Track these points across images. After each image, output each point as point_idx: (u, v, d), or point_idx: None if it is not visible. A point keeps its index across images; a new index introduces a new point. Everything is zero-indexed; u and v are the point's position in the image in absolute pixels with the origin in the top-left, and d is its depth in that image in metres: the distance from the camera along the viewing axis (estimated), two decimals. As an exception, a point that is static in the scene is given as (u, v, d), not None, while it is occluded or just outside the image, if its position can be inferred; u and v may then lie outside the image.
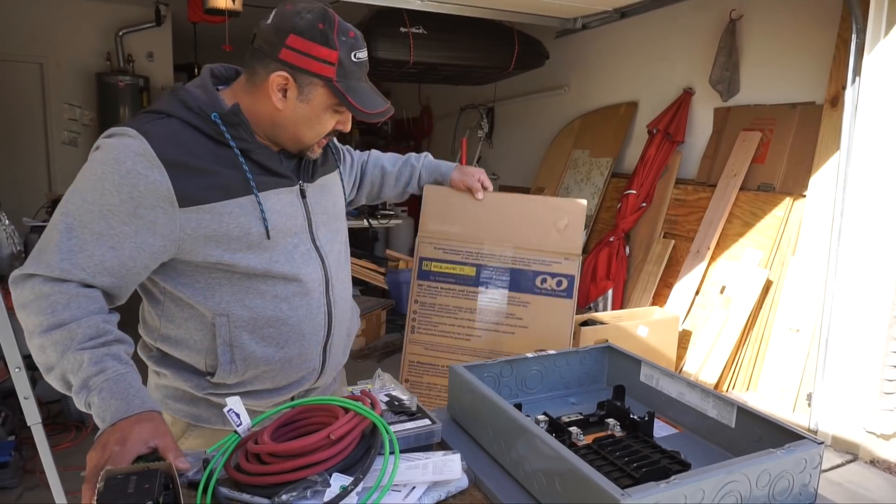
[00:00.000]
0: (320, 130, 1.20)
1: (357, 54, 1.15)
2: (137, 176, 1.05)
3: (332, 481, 0.85)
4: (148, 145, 1.06)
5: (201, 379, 1.22)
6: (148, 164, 1.05)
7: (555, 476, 0.84)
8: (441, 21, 4.45)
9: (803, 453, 0.85)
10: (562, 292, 1.63)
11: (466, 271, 1.65)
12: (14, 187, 5.56)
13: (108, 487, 0.78)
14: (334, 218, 1.34)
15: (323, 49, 1.12)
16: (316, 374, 1.31)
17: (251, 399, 1.24)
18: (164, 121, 1.11)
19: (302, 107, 1.16)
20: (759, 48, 3.69)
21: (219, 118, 1.13)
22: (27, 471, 2.78)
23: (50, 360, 1.02)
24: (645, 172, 4.19)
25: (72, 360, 1.00)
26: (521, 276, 1.63)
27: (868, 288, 2.78)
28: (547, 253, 1.63)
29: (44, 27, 5.87)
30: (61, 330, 1.01)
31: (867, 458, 2.80)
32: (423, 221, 1.67)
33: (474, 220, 1.65)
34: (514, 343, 1.62)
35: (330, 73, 1.13)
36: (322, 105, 1.17)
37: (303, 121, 1.18)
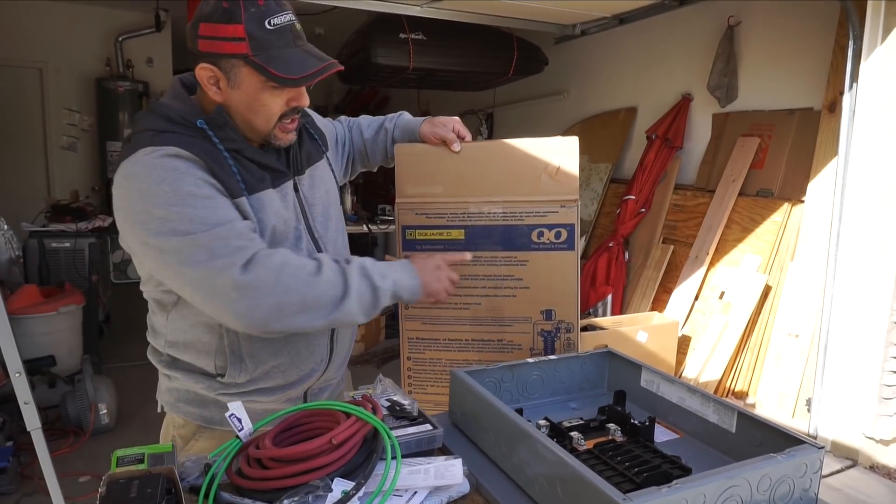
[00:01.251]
0: (267, 114, 1.14)
1: (272, 20, 1.07)
2: (196, 166, 1.08)
3: (333, 486, 0.85)
4: (175, 148, 1.08)
5: (212, 381, 1.23)
6: (191, 162, 1.08)
7: (556, 481, 0.84)
8: (440, 27, 4.46)
9: (804, 458, 0.86)
10: (562, 244, 1.43)
11: (454, 235, 1.46)
12: (13, 192, 5.56)
13: (110, 492, 0.78)
14: (328, 206, 1.32)
15: (229, 27, 1.06)
16: (324, 364, 1.31)
17: (264, 396, 1.25)
18: (165, 135, 1.11)
19: (237, 93, 1.12)
20: (758, 54, 3.71)
21: (205, 123, 1.13)
22: (25, 476, 2.77)
23: (339, 289, 1.11)
24: (644, 178, 4.20)
25: (356, 275, 1.13)
26: (514, 233, 1.43)
27: (866, 293, 2.79)
28: (540, 203, 1.42)
29: (43, 32, 5.88)
30: (324, 266, 1.11)
31: (867, 464, 2.80)
32: (398, 186, 1.49)
33: (455, 177, 1.45)
34: (517, 306, 1.46)
35: (243, 49, 1.07)
36: (254, 86, 1.10)
37: (245, 107, 1.13)
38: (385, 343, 4.81)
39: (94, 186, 6.28)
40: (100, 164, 6.23)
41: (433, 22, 4.28)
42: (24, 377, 1.87)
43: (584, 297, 4.32)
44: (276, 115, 1.15)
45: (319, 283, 1.08)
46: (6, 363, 1.85)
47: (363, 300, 1.12)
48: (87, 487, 2.71)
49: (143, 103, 6.11)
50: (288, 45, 1.09)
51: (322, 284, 1.08)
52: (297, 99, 1.15)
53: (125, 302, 5.41)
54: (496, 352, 1.48)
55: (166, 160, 1.06)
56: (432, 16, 4.05)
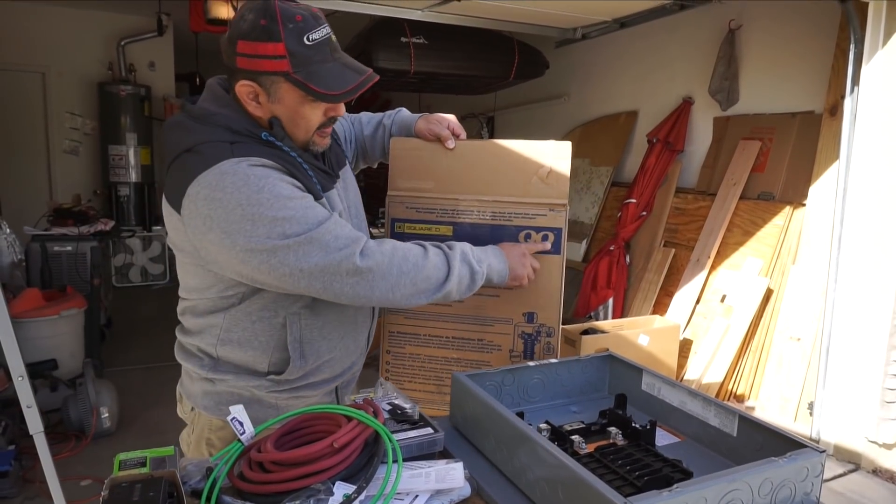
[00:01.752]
0: (307, 126, 1.18)
1: (310, 36, 1.10)
2: (286, 179, 1.12)
3: (335, 490, 0.85)
4: (258, 160, 1.10)
5: (262, 379, 1.26)
6: (279, 172, 1.12)
7: (557, 484, 0.84)
8: (441, 31, 4.47)
9: (805, 462, 0.86)
10: (548, 248, 1.44)
11: (442, 231, 1.47)
12: (15, 196, 5.58)
13: (113, 495, 0.79)
14: (358, 206, 1.40)
15: (269, 45, 1.08)
16: (362, 357, 1.40)
17: (311, 391, 1.30)
18: (242, 146, 1.12)
19: (278, 108, 1.15)
20: (759, 58, 3.71)
21: (269, 136, 1.16)
22: (27, 480, 2.77)
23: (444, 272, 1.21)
24: (645, 181, 4.20)
25: (458, 260, 1.23)
26: (502, 233, 1.44)
27: (868, 297, 2.79)
28: (530, 205, 1.43)
29: (46, 37, 5.90)
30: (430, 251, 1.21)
31: (869, 468, 2.79)
32: (391, 178, 1.50)
33: (448, 174, 1.46)
34: (499, 307, 1.46)
35: (284, 66, 1.09)
36: (295, 101, 1.14)
37: (286, 120, 1.16)
38: (386, 346, 4.80)
39: (96, 190, 6.30)
40: (102, 168, 6.25)
41: (434, 26, 4.29)
42: (26, 381, 1.87)
43: (585, 300, 4.32)
44: (315, 126, 1.19)
45: (427, 266, 1.19)
46: (9, 367, 1.85)
47: (462, 282, 1.23)
48: (89, 491, 2.71)
49: (146, 107, 6.13)
50: (326, 59, 1.12)
51: (429, 268, 1.19)
52: (335, 109, 1.20)
53: (127, 305, 5.42)
54: (476, 350, 1.48)
55: (257, 169, 1.09)
56: (433, 20, 4.06)
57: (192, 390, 1.33)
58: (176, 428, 1.42)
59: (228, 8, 4.05)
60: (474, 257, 1.25)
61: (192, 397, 1.33)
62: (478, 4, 3.77)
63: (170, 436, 1.38)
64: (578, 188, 5.01)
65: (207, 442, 1.33)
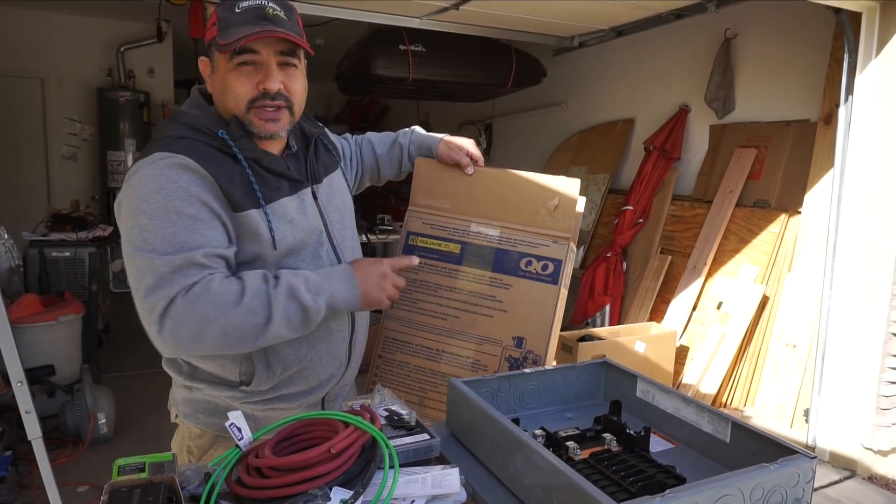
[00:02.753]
0: (237, 94, 1.15)
1: (241, 4, 1.11)
2: (197, 184, 1.10)
3: (332, 495, 0.86)
4: (185, 159, 1.10)
5: (235, 390, 1.24)
6: (198, 177, 1.10)
7: (552, 490, 0.85)
8: (440, 39, 4.50)
9: (796, 468, 0.87)
10: (546, 277, 1.49)
11: (451, 248, 1.55)
12: (14, 202, 5.58)
13: (112, 500, 0.79)
14: (344, 214, 1.38)
15: (211, 18, 1.14)
16: (343, 369, 1.34)
17: (286, 403, 1.27)
18: (184, 142, 1.14)
19: (216, 78, 1.17)
20: (754, 66, 3.74)
21: (226, 134, 1.16)
22: (24, 486, 2.76)
23: (261, 316, 1.09)
24: (642, 189, 4.22)
25: (282, 298, 1.10)
26: (505, 257, 1.51)
27: (863, 304, 2.80)
28: (535, 234, 1.51)
29: (46, 43, 5.92)
30: (248, 292, 1.08)
31: (865, 475, 2.80)
32: (413, 195, 1.59)
33: (464, 196, 1.55)
34: (491, 327, 1.50)
35: (213, 32, 1.13)
36: (223, 67, 1.14)
37: (220, 91, 1.17)
38: (384, 353, 4.81)
39: (94, 196, 6.30)
40: (100, 174, 6.25)
41: (433, 34, 4.32)
42: (25, 386, 1.88)
43: (582, 307, 4.33)
44: (244, 97, 1.15)
45: (238, 314, 1.07)
46: (8, 372, 1.86)
47: (292, 322, 1.12)
48: (86, 497, 2.70)
49: (144, 113, 6.15)
50: (247, 21, 1.11)
51: (241, 315, 1.07)
52: (264, 81, 1.15)
53: (124, 311, 5.42)
54: (461, 368, 1.51)
55: (172, 170, 1.09)
56: (432, 28, 4.09)
57: (176, 397, 1.34)
58: (173, 433, 1.43)
59: (228, 15, 4.07)
60: (309, 290, 1.13)
61: (176, 404, 1.35)
62: (476, 13, 3.80)
63: (166, 442, 1.39)
64: (576, 195, 5.03)
65: (187, 449, 1.33)
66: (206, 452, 1.31)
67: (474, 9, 3.67)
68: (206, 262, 1.08)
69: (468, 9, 3.66)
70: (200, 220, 1.09)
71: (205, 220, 1.10)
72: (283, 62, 1.16)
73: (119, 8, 5.70)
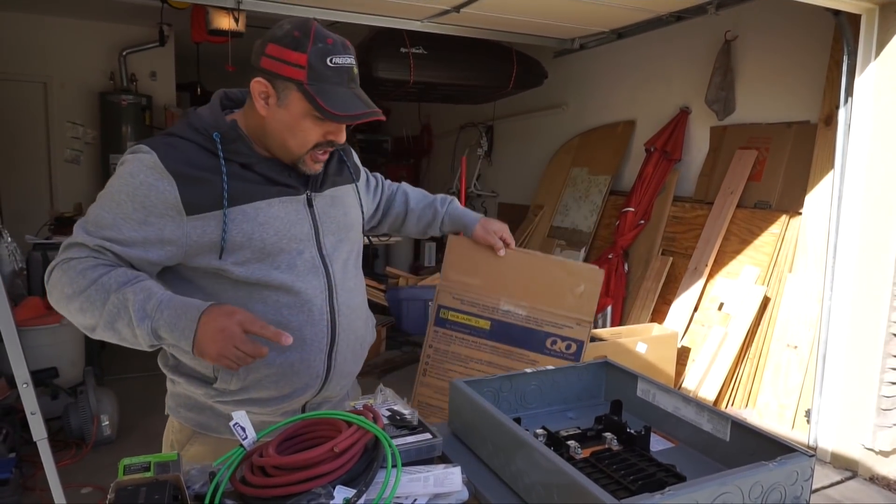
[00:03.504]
0: (304, 139, 1.20)
1: (334, 59, 1.15)
2: (149, 187, 1.13)
3: (335, 494, 0.86)
4: (157, 158, 1.14)
5: (209, 387, 1.25)
6: (158, 176, 1.13)
7: (553, 488, 0.86)
8: (441, 41, 4.52)
9: (795, 466, 0.87)
10: (570, 355, 1.64)
11: (481, 324, 1.67)
12: (17, 205, 5.60)
13: (119, 498, 0.80)
14: (344, 228, 1.35)
15: (294, 53, 1.14)
16: (320, 381, 1.30)
17: (258, 407, 1.26)
18: (172, 139, 1.19)
19: (281, 112, 1.18)
20: (754, 68, 3.75)
21: (219, 136, 1.19)
22: (27, 488, 2.77)
23: (92, 318, 1.10)
24: (643, 190, 4.23)
25: (115, 302, 1.07)
26: (532, 336, 1.65)
27: (864, 304, 2.81)
28: (560, 316, 1.65)
29: (48, 47, 5.94)
30: (95, 286, 1.09)
31: (866, 475, 2.81)
32: (444, 270, 1.69)
33: (494, 275, 1.66)
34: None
35: (300, 76, 1.14)
36: (299, 111, 1.17)
37: (285, 128, 1.19)
38: (385, 354, 4.82)
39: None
40: (103, 177, 6.26)
41: (434, 36, 4.33)
42: (31, 388, 1.89)
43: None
44: (311, 143, 1.21)
45: (74, 307, 1.12)
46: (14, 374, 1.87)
47: (120, 333, 1.10)
48: (90, 499, 2.71)
49: (146, 117, 6.16)
50: (341, 83, 1.17)
51: (76, 307, 1.12)
52: (335, 134, 1.21)
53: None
54: None
55: (136, 165, 1.14)
56: (433, 30, 4.10)
57: (167, 390, 1.37)
58: (177, 434, 1.44)
59: (230, 19, 4.09)
60: (142, 309, 1.06)
61: (166, 397, 1.37)
62: (477, 15, 3.81)
63: (169, 443, 1.39)
64: (577, 196, 5.04)
65: (170, 444, 1.36)
66: (184, 447, 1.33)
67: (475, 11, 3.69)
68: (96, 248, 1.14)
69: (469, 11, 3.68)
70: (129, 219, 1.14)
71: (133, 219, 1.14)
72: None
73: (121, 12, 5.72)
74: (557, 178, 5.32)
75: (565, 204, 5.14)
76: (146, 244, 1.14)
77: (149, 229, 1.14)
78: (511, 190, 6.23)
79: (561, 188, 5.22)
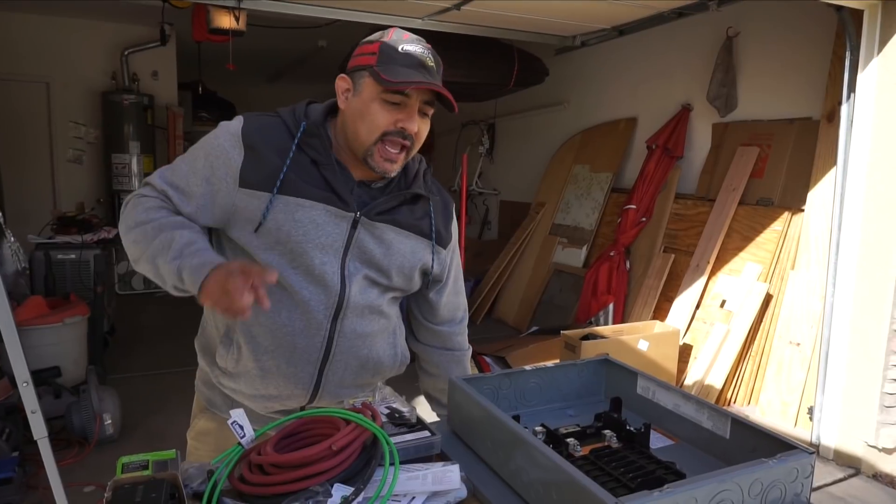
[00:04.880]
0: (373, 124, 1.17)
1: (405, 47, 1.17)
2: (222, 150, 1.19)
3: (333, 491, 0.86)
4: (241, 126, 1.21)
5: (214, 365, 1.30)
6: (234, 143, 1.19)
7: (551, 486, 0.85)
8: (442, 39, 4.50)
9: (795, 463, 0.87)
10: None
11: None
12: (20, 204, 5.61)
13: (116, 497, 0.80)
14: (377, 266, 1.26)
15: (371, 45, 1.19)
16: (307, 393, 1.27)
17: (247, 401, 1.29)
18: (269, 117, 1.25)
19: (356, 101, 1.19)
20: (756, 65, 3.74)
21: (304, 126, 1.22)
22: (30, 487, 2.78)
23: (141, 250, 1.16)
24: (644, 187, 4.22)
25: (163, 239, 1.14)
26: None
27: (867, 301, 2.80)
28: None
29: (50, 48, 5.95)
30: (153, 223, 1.16)
31: (869, 473, 2.80)
32: None
33: None
34: None
35: (371, 60, 1.17)
36: (370, 94, 1.17)
37: (357, 115, 1.19)
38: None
39: (99, 198, 6.32)
40: (105, 177, 6.28)
41: (434, 34, 4.32)
42: (31, 387, 1.89)
43: (585, 306, 4.34)
44: (379, 128, 1.18)
45: (129, 239, 1.20)
46: (14, 373, 1.87)
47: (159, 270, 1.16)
48: (92, 497, 2.71)
49: (148, 116, 6.17)
50: (409, 65, 1.17)
51: (130, 244, 1.20)
52: (405, 121, 1.18)
53: (130, 313, 5.44)
54: None
55: (222, 129, 1.22)
56: (433, 28, 4.10)
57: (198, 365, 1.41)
58: (178, 434, 1.45)
59: (230, 18, 4.09)
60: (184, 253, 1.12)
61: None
62: (478, 13, 3.81)
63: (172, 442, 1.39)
64: (579, 194, 5.03)
65: (193, 415, 1.42)
66: (195, 419, 1.40)
67: (476, 9, 3.68)
68: (161, 191, 1.21)
69: (469, 9, 3.67)
70: (197, 173, 1.21)
71: (200, 175, 1.21)
72: (423, 109, 1.21)
73: (123, 12, 5.73)
74: (559, 176, 5.31)
75: (567, 201, 5.14)
76: (202, 199, 1.20)
77: (208, 187, 1.19)
78: (512, 188, 6.23)
79: (562, 186, 5.21)
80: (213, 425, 1.35)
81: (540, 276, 5.12)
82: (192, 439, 1.40)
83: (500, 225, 6.51)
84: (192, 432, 1.41)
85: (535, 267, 5.21)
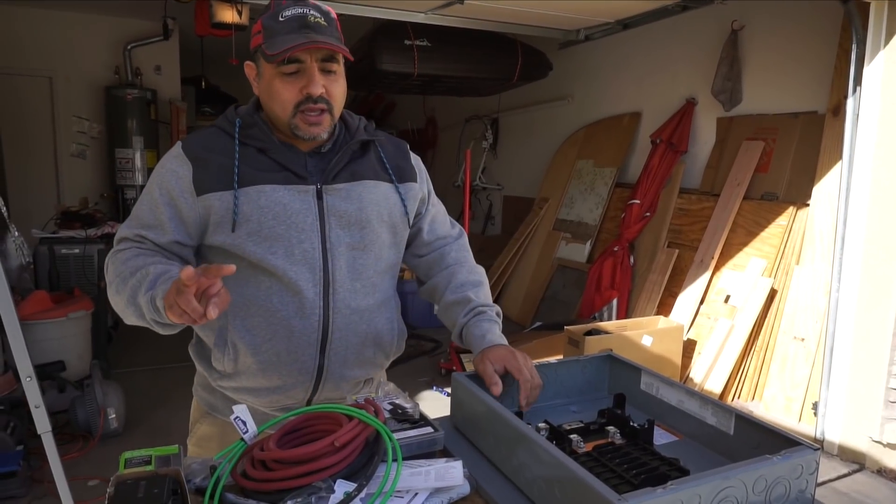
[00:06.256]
0: (282, 101, 1.18)
1: (284, 13, 1.16)
2: (171, 172, 1.21)
3: (336, 487, 0.86)
4: (181, 146, 1.23)
5: (211, 368, 1.29)
6: (179, 162, 1.21)
7: (554, 483, 0.85)
8: (445, 34, 4.49)
9: (799, 459, 0.86)
10: None
11: None
12: (24, 199, 5.62)
13: (118, 492, 0.80)
14: (357, 223, 1.25)
15: (257, 24, 1.19)
16: (311, 378, 1.26)
17: (252, 397, 1.28)
18: (204, 129, 1.28)
19: (262, 84, 1.22)
20: (761, 58, 3.72)
21: (239, 122, 1.24)
22: (35, 480, 2.79)
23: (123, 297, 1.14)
24: (648, 182, 4.21)
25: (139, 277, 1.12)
26: None
27: (872, 296, 2.79)
28: None
29: (53, 42, 5.95)
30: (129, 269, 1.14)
31: (874, 468, 2.79)
32: None
33: None
34: None
35: (259, 40, 1.18)
36: (269, 73, 1.18)
37: (267, 96, 1.21)
38: (391, 348, 4.82)
39: (103, 193, 6.33)
40: (109, 172, 6.28)
41: (437, 28, 4.31)
42: (34, 381, 1.90)
43: (589, 301, 4.33)
44: (289, 103, 1.18)
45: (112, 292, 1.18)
46: (18, 367, 1.88)
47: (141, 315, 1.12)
48: (96, 491, 2.73)
49: (152, 111, 6.17)
50: (290, 31, 1.15)
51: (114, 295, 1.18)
52: (308, 86, 1.17)
53: (134, 308, 5.45)
54: None
55: (166, 157, 1.25)
56: (437, 22, 4.08)
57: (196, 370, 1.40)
58: (182, 428, 1.44)
59: (233, 12, 4.08)
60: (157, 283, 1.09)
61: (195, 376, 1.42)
62: (481, 7, 3.79)
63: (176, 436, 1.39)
64: (582, 189, 5.02)
65: (191, 421, 1.40)
66: (196, 425, 1.38)
67: (479, 2, 3.67)
68: (136, 238, 1.22)
69: (473, 3, 3.66)
70: (158, 204, 1.21)
71: (161, 203, 1.21)
72: (325, 68, 1.19)
73: (126, 6, 5.72)
74: (563, 171, 5.29)
75: (571, 196, 5.12)
76: (173, 222, 1.20)
77: (173, 210, 1.20)
78: (516, 183, 6.21)
79: (566, 181, 5.20)
80: (215, 430, 1.33)
81: (543, 271, 5.11)
82: (194, 445, 1.37)
83: (503, 220, 6.50)
84: (192, 438, 1.37)
85: (539, 262, 5.20)
